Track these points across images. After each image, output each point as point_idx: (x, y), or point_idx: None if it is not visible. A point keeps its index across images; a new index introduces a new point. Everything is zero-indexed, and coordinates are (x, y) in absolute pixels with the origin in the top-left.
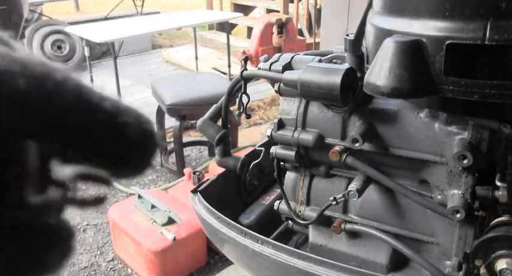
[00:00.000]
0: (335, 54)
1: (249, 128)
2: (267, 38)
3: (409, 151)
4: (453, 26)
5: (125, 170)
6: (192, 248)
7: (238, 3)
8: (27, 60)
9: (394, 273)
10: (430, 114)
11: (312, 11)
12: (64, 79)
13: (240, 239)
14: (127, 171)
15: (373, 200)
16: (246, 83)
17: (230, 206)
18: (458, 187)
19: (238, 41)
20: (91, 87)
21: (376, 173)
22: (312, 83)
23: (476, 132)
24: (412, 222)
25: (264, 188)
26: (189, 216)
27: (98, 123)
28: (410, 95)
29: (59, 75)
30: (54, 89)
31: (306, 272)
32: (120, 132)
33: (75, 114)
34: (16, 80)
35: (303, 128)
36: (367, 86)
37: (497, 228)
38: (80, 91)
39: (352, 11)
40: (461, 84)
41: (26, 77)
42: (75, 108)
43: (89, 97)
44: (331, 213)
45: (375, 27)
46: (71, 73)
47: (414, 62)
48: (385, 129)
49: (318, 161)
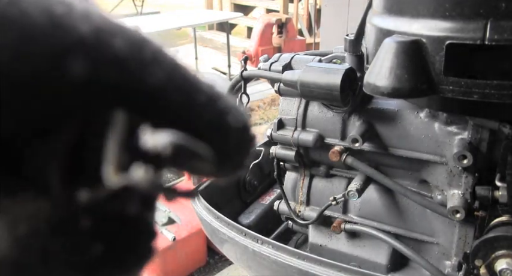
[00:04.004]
0: (335, 54)
1: None
2: (267, 38)
3: (409, 151)
4: (453, 26)
5: (223, 163)
6: (192, 248)
7: (238, 3)
8: (122, 23)
9: (394, 273)
10: (430, 114)
11: (312, 11)
12: (160, 49)
13: (240, 239)
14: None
15: (373, 200)
16: (246, 83)
17: (230, 206)
18: (458, 187)
19: (238, 41)
20: (185, 62)
21: (376, 173)
22: (312, 83)
23: (476, 132)
24: (412, 222)
25: (264, 188)
26: (189, 216)
27: (197, 103)
28: (410, 95)
29: (155, 44)
30: (153, 57)
31: (306, 272)
32: (222, 118)
33: (173, 90)
34: (115, 41)
35: (302, 128)
36: (367, 86)
37: (497, 228)
38: (176, 65)
39: (352, 11)
40: (461, 84)
41: (125, 40)
42: (173, 82)
43: (187, 73)
44: (331, 213)
45: (375, 27)
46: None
47: (414, 62)
48: (385, 129)
49: (318, 161)
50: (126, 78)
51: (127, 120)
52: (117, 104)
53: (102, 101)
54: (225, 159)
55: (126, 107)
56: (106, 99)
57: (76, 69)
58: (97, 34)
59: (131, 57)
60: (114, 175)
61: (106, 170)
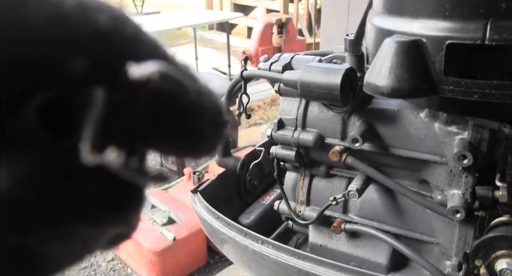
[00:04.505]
0: (335, 54)
1: (249, 128)
2: (267, 38)
3: (409, 151)
4: (453, 26)
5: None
6: (192, 248)
7: (238, 3)
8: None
9: (394, 273)
10: (430, 114)
11: (312, 11)
12: (139, 27)
13: (240, 239)
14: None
15: (373, 200)
16: (246, 83)
17: (230, 206)
18: (458, 187)
19: (238, 41)
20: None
21: (376, 173)
22: (312, 83)
23: (476, 132)
24: (412, 222)
25: (264, 188)
26: (189, 216)
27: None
28: (410, 95)
29: (135, 23)
30: (134, 34)
31: (306, 272)
32: (197, 97)
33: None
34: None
35: (303, 128)
36: (367, 86)
37: (497, 228)
38: (155, 42)
39: (352, 11)
40: (461, 84)
41: (109, 17)
42: (153, 58)
43: (165, 51)
44: (331, 213)
45: (375, 27)
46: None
47: (414, 62)
48: (385, 129)
49: (318, 161)
50: (108, 53)
51: (106, 97)
52: (98, 80)
53: (83, 75)
54: (198, 138)
55: (106, 82)
56: (87, 73)
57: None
58: (82, 9)
59: (114, 32)
60: (89, 154)
61: (83, 147)
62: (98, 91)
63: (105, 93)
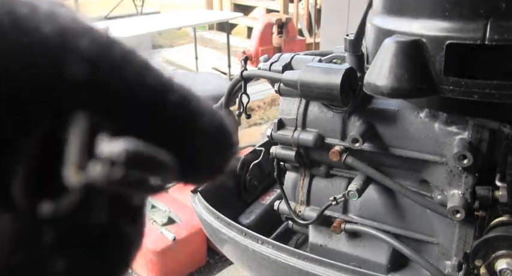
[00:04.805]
0: (335, 54)
1: (249, 128)
2: (267, 38)
3: (409, 151)
4: (453, 26)
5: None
6: (192, 248)
7: (238, 3)
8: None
9: (394, 273)
10: (430, 114)
11: (312, 11)
12: (130, 50)
13: (240, 239)
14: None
15: (373, 200)
16: (246, 83)
17: (230, 206)
18: (458, 187)
19: (238, 41)
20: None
21: (376, 173)
22: (312, 83)
23: (476, 132)
24: (412, 222)
25: (264, 188)
26: (189, 216)
27: (168, 103)
28: (410, 95)
29: (124, 46)
30: (121, 58)
31: (306, 272)
32: (193, 120)
33: (143, 89)
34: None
35: (303, 128)
36: (367, 86)
37: (497, 228)
38: (147, 66)
39: (352, 11)
40: (461, 84)
41: (92, 41)
42: (143, 81)
43: (158, 72)
44: (331, 213)
45: (374, 27)
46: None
47: (414, 62)
48: (385, 129)
49: (318, 161)
50: (93, 78)
51: (90, 122)
52: (82, 106)
53: (66, 102)
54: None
55: (91, 108)
56: (70, 100)
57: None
58: (62, 34)
59: (99, 57)
60: (74, 174)
61: (66, 171)
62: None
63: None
